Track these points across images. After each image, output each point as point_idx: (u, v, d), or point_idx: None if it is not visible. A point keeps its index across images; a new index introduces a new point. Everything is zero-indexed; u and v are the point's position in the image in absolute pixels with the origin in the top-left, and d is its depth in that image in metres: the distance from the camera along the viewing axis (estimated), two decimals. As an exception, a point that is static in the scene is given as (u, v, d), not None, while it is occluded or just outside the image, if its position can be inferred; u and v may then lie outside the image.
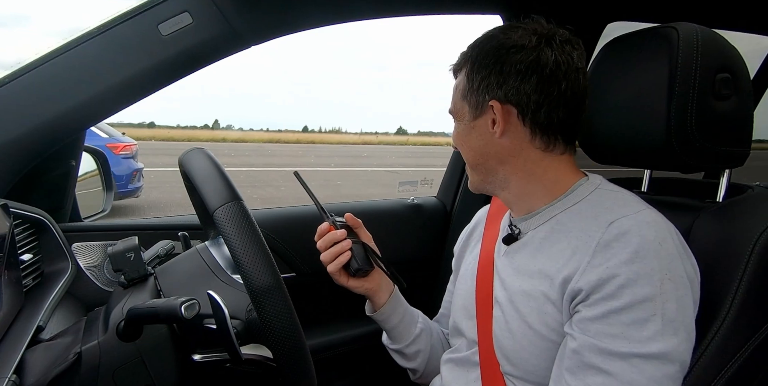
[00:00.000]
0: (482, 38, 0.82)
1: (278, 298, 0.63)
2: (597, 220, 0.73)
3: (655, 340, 0.66)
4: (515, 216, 0.87)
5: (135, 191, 6.60)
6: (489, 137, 0.81)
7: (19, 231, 0.91)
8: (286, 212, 1.47)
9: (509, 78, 0.77)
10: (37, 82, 0.90)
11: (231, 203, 0.66)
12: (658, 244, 0.68)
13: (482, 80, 0.80)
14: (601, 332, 0.68)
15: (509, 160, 0.82)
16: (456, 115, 0.86)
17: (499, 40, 0.79)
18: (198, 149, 0.77)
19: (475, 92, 0.81)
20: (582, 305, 0.70)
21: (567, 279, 0.72)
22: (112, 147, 6.30)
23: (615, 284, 0.67)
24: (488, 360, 0.83)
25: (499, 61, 0.78)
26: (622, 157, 0.93)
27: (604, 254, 0.69)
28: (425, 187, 1.87)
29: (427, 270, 1.50)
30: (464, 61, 0.83)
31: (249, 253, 0.63)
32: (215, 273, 0.78)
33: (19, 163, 0.91)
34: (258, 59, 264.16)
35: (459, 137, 0.86)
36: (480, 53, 0.80)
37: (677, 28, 0.80)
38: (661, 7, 1.31)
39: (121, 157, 6.37)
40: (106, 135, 6.56)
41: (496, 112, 0.79)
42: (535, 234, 0.81)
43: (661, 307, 0.66)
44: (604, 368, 0.67)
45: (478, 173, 0.86)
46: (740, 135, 0.85)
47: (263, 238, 0.66)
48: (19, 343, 0.70)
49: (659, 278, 0.67)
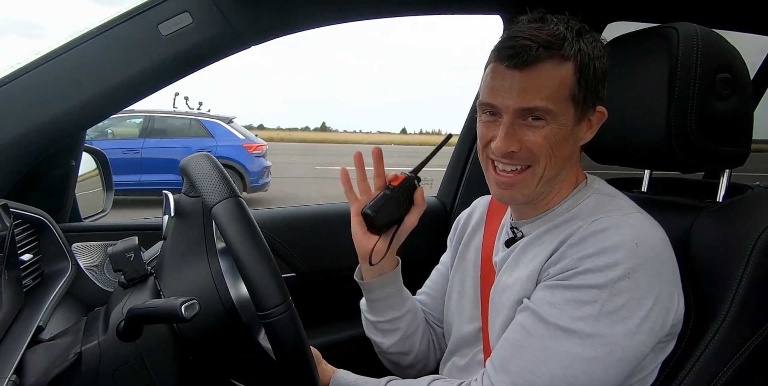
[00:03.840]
0: (571, 24, 0.74)
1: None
2: (584, 218, 0.75)
3: (583, 321, 0.68)
4: (517, 219, 0.86)
5: (264, 185, 7.64)
6: (578, 143, 0.78)
7: (19, 231, 0.91)
8: (286, 212, 1.47)
9: (606, 83, 0.77)
10: (37, 82, 0.90)
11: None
12: (635, 245, 0.68)
13: (597, 81, 0.74)
14: (543, 299, 0.71)
15: (570, 167, 0.80)
16: (551, 115, 0.72)
17: (596, 43, 0.75)
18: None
19: (589, 93, 0.74)
20: (542, 282, 0.74)
21: (542, 269, 0.75)
22: (246, 147, 7.36)
23: (574, 271, 0.70)
24: None
25: (606, 64, 0.75)
26: (622, 157, 0.93)
27: (576, 247, 0.71)
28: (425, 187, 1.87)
29: (427, 270, 1.49)
30: (569, 51, 0.72)
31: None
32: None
33: (19, 163, 0.91)
34: (355, 62, 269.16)
35: (555, 144, 0.73)
36: (591, 51, 0.73)
37: (677, 28, 0.80)
38: (661, 7, 1.31)
39: (254, 156, 7.37)
40: (242, 136, 7.54)
41: (595, 117, 0.77)
42: (533, 234, 0.82)
43: (605, 298, 0.67)
44: (527, 328, 0.71)
45: (547, 185, 0.77)
46: (740, 135, 0.85)
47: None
48: (19, 343, 0.70)
49: (618, 275, 0.67)
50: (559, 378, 0.67)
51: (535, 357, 0.69)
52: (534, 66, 0.71)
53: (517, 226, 0.85)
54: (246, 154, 7.41)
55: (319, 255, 1.38)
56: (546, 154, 0.74)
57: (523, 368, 0.69)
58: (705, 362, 0.74)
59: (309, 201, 7.11)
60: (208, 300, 0.70)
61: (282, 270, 0.68)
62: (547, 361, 0.68)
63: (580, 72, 0.72)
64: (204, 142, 7.37)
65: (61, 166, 1.16)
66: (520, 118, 0.73)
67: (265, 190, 7.83)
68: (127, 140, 7.29)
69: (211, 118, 7.62)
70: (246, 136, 7.66)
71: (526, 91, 0.72)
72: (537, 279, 0.75)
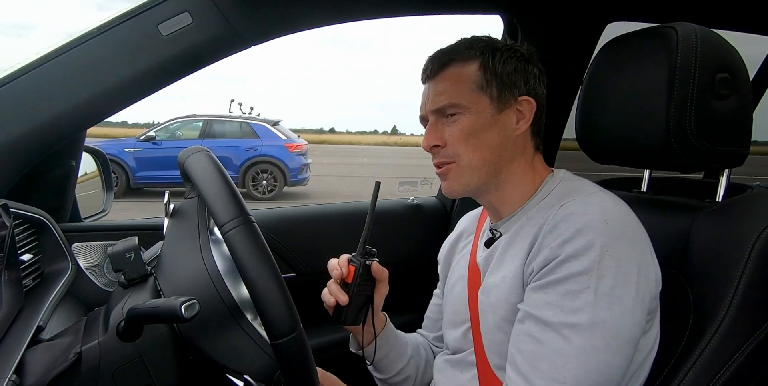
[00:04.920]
0: (483, 38, 0.85)
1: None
2: (553, 206, 0.76)
3: (584, 311, 0.68)
4: (495, 221, 0.88)
5: (303, 180, 9.01)
6: (510, 133, 0.82)
7: (19, 231, 0.91)
8: (286, 212, 1.47)
9: (530, 78, 0.83)
10: (37, 82, 0.90)
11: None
12: (604, 222, 0.70)
13: (510, 74, 0.82)
14: (540, 301, 0.71)
15: (517, 158, 0.83)
16: (463, 108, 0.81)
17: (505, 47, 0.84)
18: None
19: (501, 84, 0.81)
20: (532, 280, 0.74)
21: (526, 263, 0.75)
22: (288, 146, 8.74)
23: (557, 261, 0.70)
24: (484, 360, 0.83)
25: (522, 60, 0.84)
26: (622, 157, 0.93)
27: (552, 235, 0.72)
28: (425, 187, 1.87)
29: (427, 270, 1.49)
30: (471, 55, 0.83)
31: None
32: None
33: (19, 163, 0.91)
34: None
35: (472, 133, 0.81)
36: (496, 49, 0.83)
37: (676, 28, 0.80)
38: (661, 7, 1.31)
39: (294, 154, 8.69)
40: (284, 136, 8.89)
41: (524, 107, 0.82)
42: (510, 231, 0.83)
43: (595, 281, 0.68)
44: (537, 337, 0.70)
45: (481, 174, 0.82)
46: (739, 135, 0.85)
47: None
48: (19, 343, 0.70)
49: (598, 254, 0.68)
50: (582, 377, 0.67)
51: (554, 364, 0.68)
52: (439, 74, 0.84)
53: (495, 227, 0.87)
54: (287, 152, 8.72)
55: (319, 255, 1.38)
56: (466, 143, 0.81)
57: (546, 378, 0.69)
58: (705, 362, 0.74)
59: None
60: (208, 299, 0.70)
61: (282, 270, 0.67)
62: (566, 364, 0.68)
63: (486, 68, 0.81)
64: (251, 142, 8.74)
65: (61, 166, 1.16)
66: (443, 118, 0.83)
67: (304, 184, 9.15)
68: (190, 140, 8.71)
69: (258, 122, 9.00)
70: (288, 137, 8.98)
71: (437, 94, 0.83)
72: (522, 275, 0.76)
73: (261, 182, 8.73)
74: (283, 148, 8.78)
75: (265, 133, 8.84)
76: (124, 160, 8.35)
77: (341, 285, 0.88)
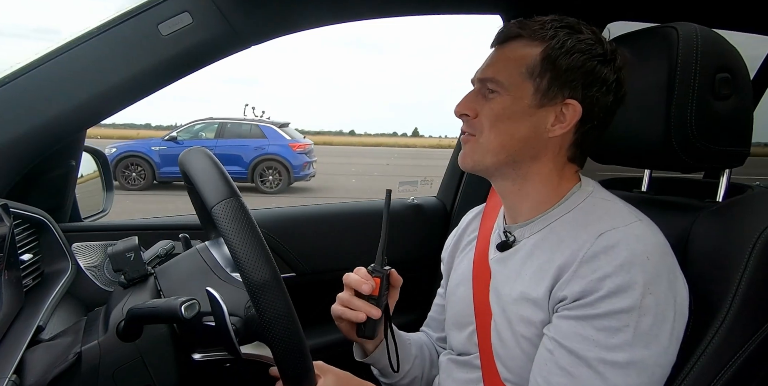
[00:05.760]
0: (566, 20, 0.78)
1: (276, 293, 0.62)
2: (587, 230, 0.73)
3: (622, 350, 0.66)
4: (510, 223, 0.85)
5: (305, 176, 10.23)
6: (542, 132, 0.77)
7: (19, 231, 0.91)
8: (286, 212, 1.47)
9: (595, 84, 0.75)
10: (37, 82, 0.90)
11: (229, 199, 0.65)
12: (646, 258, 0.68)
13: (569, 72, 0.74)
14: (573, 332, 0.69)
15: (542, 159, 0.79)
16: (504, 88, 0.76)
17: (584, 40, 0.76)
18: (196, 148, 0.76)
19: (555, 80, 0.75)
20: (563, 307, 0.71)
21: (553, 286, 0.73)
22: (292, 145, 9.95)
23: (597, 295, 0.68)
24: (489, 367, 0.82)
25: (591, 61, 0.75)
26: (622, 156, 0.92)
27: (590, 265, 0.69)
28: (425, 187, 1.87)
29: (427, 270, 1.49)
30: (540, 36, 0.76)
31: (247, 249, 0.62)
32: (215, 272, 0.78)
33: (19, 162, 0.91)
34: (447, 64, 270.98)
35: (501, 116, 0.76)
36: (571, 37, 0.75)
37: (677, 28, 0.80)
38: (661, 7, 1.31)
39: (297, 153, 9.90)
40: (289, 137, 10.15)
41: (568, 111, 0.76)
42: (528, 241, 0.81)
43: (636, 319, 0.66)
44: (569, 370, 0.68)
45: (495, 159, 0.78)
46: (740, 135, 0.85)
47: (261, 235, 0.65)
48: (19, 343, 0.70)
49: (641, 292, 0.67)
50: None
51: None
52: (505, 44, 0.79)
53: (509, 230, 0.84)
54: (291, 151, 9.89)
55: (319, 255, 1.38)
56: (492, 123, 0.77)
57: None
58: (705, 362, 0.74)
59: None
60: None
61: (282, 270, 0.68)
62: None
63: (548, 55, 0.75)
64: (259, 142, 9.96)
65: (61, 166, 1.16)
66: (485, 90, 0.78)
67: (307, 179, 10.41)
68: (207, 140, 10.04)
69: (267, 124, 10.27)
70: (293, 137, 10.25)
71: (490, 64, 0.79)
72: (548, 299, 0.73)
73: (267, 177, 9.87)
74: (288, 147, 9.91)
75: (272, 134, 10.04)
76: (151, 157, 9.74)
77: (366, 299, 0.84)
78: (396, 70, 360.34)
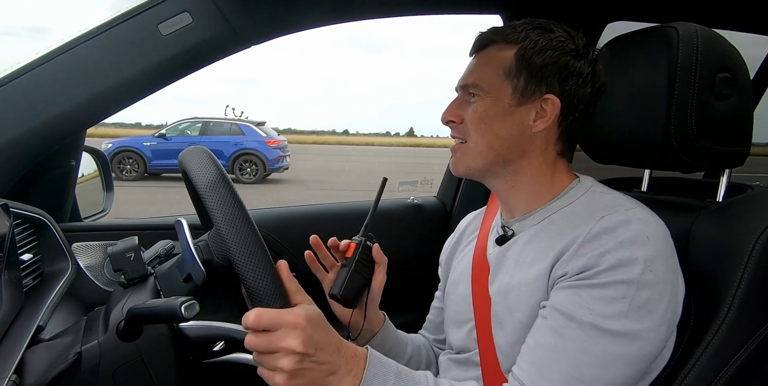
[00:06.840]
0: (536, 22, 0.81)
1: (224, 190, 0.62)
2: (589, 218, 0.74)
3: (616, 319, 0.67)
4: (508, 218, 0.86)
5: (279, 168, 11.73)
6: (524, 128, 0.79)
7: (19, 231, 0.91)
8: (286, 212, 1.47)
9: (570, 78, 0.78)
10: (37, 82, 0.90)
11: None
12: (646, 238, 0.69)
13: (544, 69, 0.77)
14: (570, 300, 0.70)
15: (530, 155, 0.81)
16: (483, 92, 0.80)
17: (556, 38, 0.79)
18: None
19: (531, 78, 0.77)
20: (562, 281, 0.72)
21: (554, 265, 0.73)
22: (267, 141, 11.40)
23: (597, 269, 0.69)
24: (489, 361, 0.82)
25: (564, 56, 0.78)
26: (622, 156, 0.92)
27: (591, 244, 0.70)
28: (425, 187, 1.87)
29: (427, 270, 1.49)
30: (513, 39, 0.79)
31: (196, 162, 0.65)
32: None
33: (19, 162, 0.91)
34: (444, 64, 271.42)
35: (484, 118, 0.79)
36: (542, 37, 0.78)
37: (677, 28, 0.80)
38: (661, 6, 1.31)
39: (272, 148, 11.40)
40: (264, 134, 11.56)
41: (548, 105, 0.78)
42: (527, 232, 0.82)
43: (633, 292, 0.67)
44: (560, 331, 0.69)
45: (485, 161, 0.81)
46: (740, 135, 0.85)
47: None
48: (19, 343, 0.70)
49: (642, 268, 0.67)
50: (601, 382, 0.66)
51: (576, 361, 0.67)
52: (482, 51, 0.83)
53: (507, 225, 0.86)
54: (266, 146, 11.37)
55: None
56: (476, 127, 0.80)
57: (566, 374, 0.67)
58: (705, 362, 0.74)
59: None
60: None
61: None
62: (589, 364, 0.67)
63: (522, 55, 0.78)
64: (238, 138, 11.42)
65: (61, 166, 1.17)
66: (468, 96, 0.82)
67: (281, 171, 11.97)
68: (192, 137, 11.52)
69: (245, 123, 11.80)
70: (267, 134, 11.70)
71: (470, 71, 0.83)
72: (548, 278, 0.74)
73: (246, 169, 11.33)
74: (263, 143, 11.39)
75: (250, 132, 11.56)
76: (143, 152, 11.16)
77: (342, 262, 0.89)
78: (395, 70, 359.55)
